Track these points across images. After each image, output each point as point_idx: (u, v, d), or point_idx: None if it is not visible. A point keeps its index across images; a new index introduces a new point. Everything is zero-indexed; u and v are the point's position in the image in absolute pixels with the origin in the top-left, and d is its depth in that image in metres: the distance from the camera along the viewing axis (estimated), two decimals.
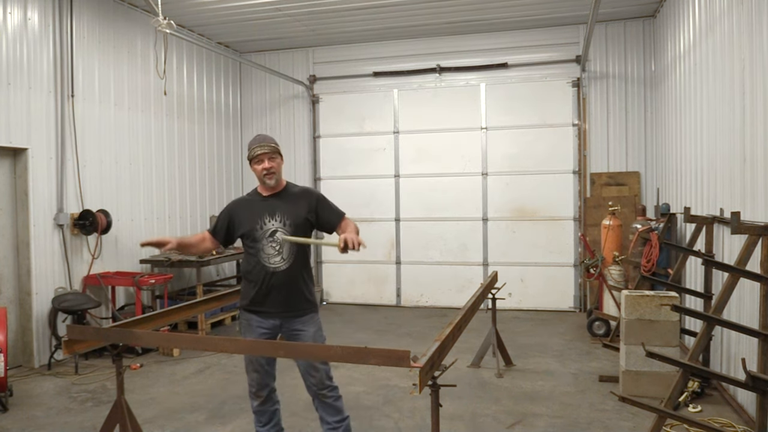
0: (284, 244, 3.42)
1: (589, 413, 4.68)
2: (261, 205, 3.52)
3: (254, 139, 3.54)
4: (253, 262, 3.50)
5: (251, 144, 3.51)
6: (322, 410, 3.55)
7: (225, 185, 9.71)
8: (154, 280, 6.70)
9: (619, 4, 7.89)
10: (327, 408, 3.53)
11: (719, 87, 5.26)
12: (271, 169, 3.44)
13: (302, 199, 3.54)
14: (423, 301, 9.37)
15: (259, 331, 3.51)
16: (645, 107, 8.50)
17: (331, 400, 3.52)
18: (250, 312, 3.55)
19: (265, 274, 3.45)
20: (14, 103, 5.96)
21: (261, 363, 3.54)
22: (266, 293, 3.47)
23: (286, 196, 3.55)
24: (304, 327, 3.51)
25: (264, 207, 3.50)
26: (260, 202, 3.54)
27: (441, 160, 9.24)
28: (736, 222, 3.75)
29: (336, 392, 3.55)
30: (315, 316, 3.58)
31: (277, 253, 3.44)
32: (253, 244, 3.48)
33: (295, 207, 3.50)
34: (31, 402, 5.14)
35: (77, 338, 3.24)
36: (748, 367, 3.39)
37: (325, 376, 3.50)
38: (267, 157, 3.44)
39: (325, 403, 3.52)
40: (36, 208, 6.18)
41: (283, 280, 3.45)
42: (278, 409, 3.73)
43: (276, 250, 3.44)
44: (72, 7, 6.59)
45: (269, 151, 3.45)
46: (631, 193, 8.45)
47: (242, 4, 7.68)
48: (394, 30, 8.93)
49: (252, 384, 3.60)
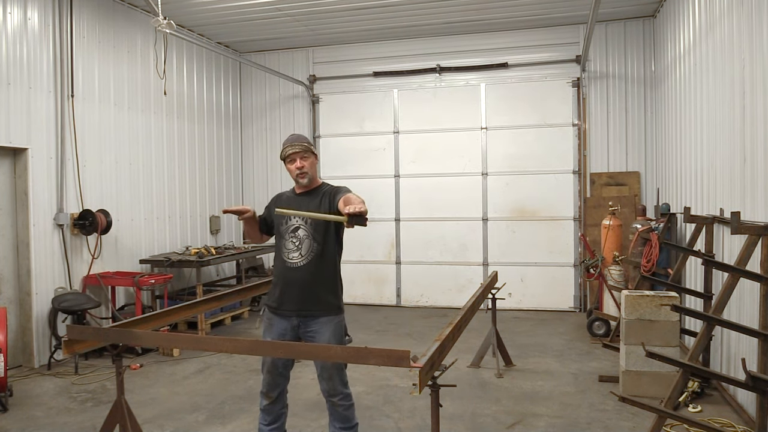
0: (304, 240, 3.42)
1: (589, 413, 4.68)
2: (291, 202, 3.56)
3: (287, 139, 3.56)
4: (277, 259, 3.55)
5: (285, 143, 3.54)
6: (331, 414, 3.54)
7: (225, 185, 9.71)
8: (154, 280, 6.70)
9: (619, 4, 7.89)
10: (336, 414, 3.51)
11: (719, 87, 5.26)
12: (303, 168, 3.47)
13: (327, 197, 3.50)
14: (423, 301, 9.37)
15: (278, 331, 3.49)
16: (645, 107, 8.51)
17: (341, 408, 3.48)
18: (272, 311, 3.55)
19: (284, 270, 3.46)
20: (14, 103, 5.96)
21: (276, 364, 3.49)
22: (283, 290, 3.47)
23: (315, 194, 3.55)
24: (320, 330, 3.44)
25: (292, 203, 3.53)
26: (291, 199, 3.58)
27: (441, 160, 9.24)
28: (736, 222, 3.75)
29: (348, 400, 3.50)
30: (334, 318, 3.49)
31: (296, 249, 3.44)
32: (278, 239, 3.53)
33: (319, 205, 3.49)
34: (31, 402, 5.14)
35: (77, 338, 3.24)
36: (748, 367, 3.39)
37: (339, 382, 3.46)
38: (299, 157, 3.46)
39: (334, 410, 3.50)
40: (36, 208, 6.18)
41: (298, 277, 3.42)
42: (285, 412, 3.69)
43: (295, 245, 3.44)
44: (72, 7, 6.59)
45: (301, 151, 3.47)
46: (631, 193, 8.45)
47: (242, 4, 7.68)
48: (394, 30, 8.93)
49: (264, 383, 3.57)
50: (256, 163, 10.20)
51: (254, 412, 4.82)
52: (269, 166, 10.12)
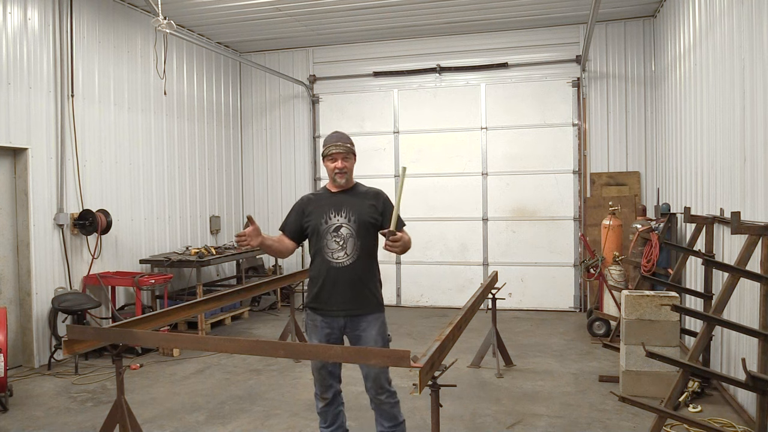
0: (348, 238, 3.41)
1: (589, 413, 4.68)
2: (328, 201, 3.52)
3: (330, 137, 3.55)
4: (317, 260, 3.49)
5: (327, 141, 3.52)
6: (378, 414, 3.53)
7: (225, 185, 9.72)
8: (154, 280, 6.70)
9: (619, 4, 7.89)
10: (383, 414, 3.50)
11: (719, 87, 5.26)
12: (343, 169, 3.47)
13: (371, 199, 3.53)
14: (423, 301, 9.37)
15: (325, 332, 3.47)
16: (645, 107, 8.51)
17: (387, 406, 3.48)
18: (316, 312, 3.51)
19: (329, 269, 3.43)
20: (14, 103, 5.96)
21: (324, 365, 3.48)
22: (330, 290, 3.43)
23: (354, 193, 3.55)
24: (368, 328, 3.44)
25: (331, 202, 3.50)
26: (328, 198, 3.54)
27: (441, 160, 9.24)
28: (736, 222, 3.75)
29: (394, 398, 3.50)
30: (381, 316, 3.53)
31: (341, 248, 3.42)
32: (318, 239, 3.47)
33: (362, 206, 3.49)
34: (31, 402, 5.14)
35: (77, 338, 3.24)
36: (748, 367, 3.38)
37: (385, 380, 3.45)
38: (341, 157, 3.46)
39: (381, 408, 3.49)
40: (36, 208, 6.18)
41: (346, 276, 3.41)
42: (342, 410, 3.68)
43: (339, 245, 3.42)
44: (72, 7, 6.59)
45: (344, 152, 3.47)
46: (631, 193, 8.45)
47: (242, 4, 7.68)
48: (394, 30, 8.93)
49: (317, 385, 3.56)
50: (256, 163, 10.20)
51: (254, 412, 4.83)
52: (269, 166, 10.11)
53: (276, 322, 8.35)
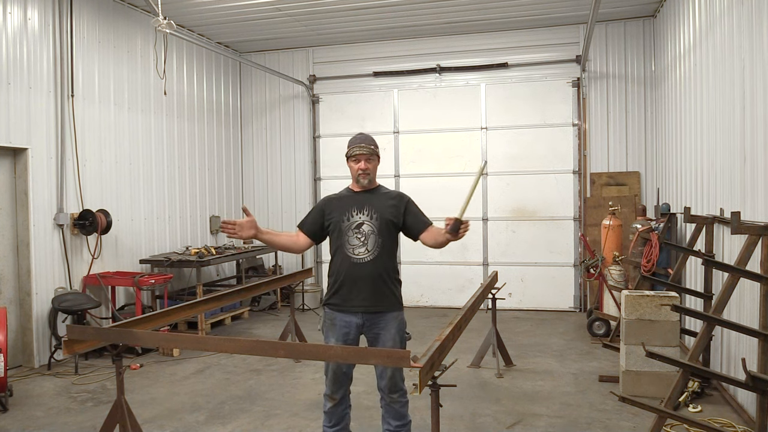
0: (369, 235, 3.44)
1: (589, 413, 4.68)
2: (351, 200, 3.56)
3: (355, 138, 3.59)
4: (338, 256, 3.51)
5: (351, 142, 3.56)
6: (387, 413, 3.52)
7: (225, 185, 9.71)
8: (154, 280, 6.70)
9: (619, 4, 7.89)
10: (393, 412, 3.50)
11: (719, 87, 5.26)
12: (366, 170, 3.52)
13: (393, 200, 3.58)
14: (423, 301, 9.37)
15: (343, 330, 3.46)
16: (645, 107, 8.51)
17: (398, 405, 3.48)
18: (334, 309, 3.51)
19: (349, 266, 3.44)
20: (14, 103, 5.96)
21: (340, 365, 3.47)
22: (350, 286, 3.43)
23: (377, 193, 3.60)
24: (386, 326, 3.44)
25: (353, 201, 3.54)
26: (350, 197, 3.59)
27: (441, 160, 9.24)
28: (736, 222, 3.75)
29: (405, 397, 3.51)
30: (399, 314, 3.53)
31: (362, 245, 3.44)
32: (339, 236, 3.49)
33: (384, 205, 3.53)
34: (31, 402, 5.14)
35: (77, 338, 3.24)
36: (748, 367, 3.39)
37: (400, 378, 3.46)
38: (365, 158, 3.51)
39: (391, 407, 3.48)
40: (36, 208, 6.18)
41: (367, 273, 3.41)
42: (348, 412, 3.67)
43: (360, 241, 3.44)
44: (72, 7, 6.59)
45: (368, 153, 3.51)
46: (631, 193, 8.45)
47: (242, 4, 7.68)
48: (394, 30, 8.93)
49: (328, 385, 3.54)
50: (256, 163, 10.20)
51: (254, 412, 4.83)
52: (269, 166, 10.11)
53: (276, 322, 8.35)
